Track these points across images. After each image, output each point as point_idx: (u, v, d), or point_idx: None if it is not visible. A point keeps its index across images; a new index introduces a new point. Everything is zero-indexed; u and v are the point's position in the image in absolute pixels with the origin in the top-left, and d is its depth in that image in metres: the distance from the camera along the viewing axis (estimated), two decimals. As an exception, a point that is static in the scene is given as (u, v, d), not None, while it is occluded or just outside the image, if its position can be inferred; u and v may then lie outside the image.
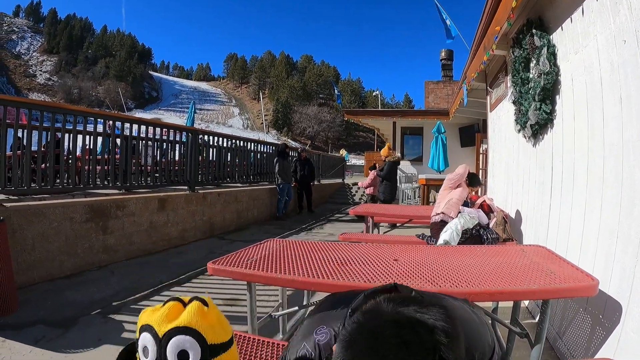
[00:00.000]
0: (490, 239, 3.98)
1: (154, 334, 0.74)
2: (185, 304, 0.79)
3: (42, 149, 5.11)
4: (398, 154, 9.14)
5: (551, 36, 3.17)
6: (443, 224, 4.27)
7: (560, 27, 3.00)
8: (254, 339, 1.77)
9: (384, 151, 8.92)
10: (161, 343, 0.73)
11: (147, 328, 0.76)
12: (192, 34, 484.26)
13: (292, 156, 11.03)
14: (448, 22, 10.87)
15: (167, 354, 0.73)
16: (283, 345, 1.69)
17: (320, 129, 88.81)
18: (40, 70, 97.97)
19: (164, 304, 0.79)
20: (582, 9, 2.57)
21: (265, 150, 10.14)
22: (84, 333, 2.99)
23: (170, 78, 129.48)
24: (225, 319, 0.84)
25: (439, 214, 4.38)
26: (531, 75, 3.50)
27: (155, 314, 0.77)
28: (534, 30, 3.33)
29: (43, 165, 4.94)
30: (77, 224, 4.55)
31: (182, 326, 0.74)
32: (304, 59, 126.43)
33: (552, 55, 3.07)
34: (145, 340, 0.75)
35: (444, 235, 3.91)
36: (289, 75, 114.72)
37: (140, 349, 0.77)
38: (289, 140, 76.95)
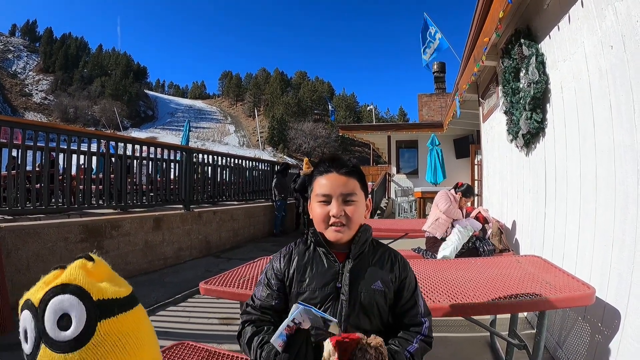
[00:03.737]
0: (487, 250, 3.96)
1: (30, 306, 0.57)
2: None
3: (37, 169, 5.09)
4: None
5: (539, 45, 3.20)
6: (436, 239, 4.26)
7: (548, 36, 3.04)
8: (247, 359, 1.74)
9: (304, 167, 9.78)
10: (38, 314, 0.56)
11: (24, 305, 0.58)
12: (186, 53, 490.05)
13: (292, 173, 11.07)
14: (438, 35, 10.97)
15: (46, 322, 0.55)
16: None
17: (316, 145, 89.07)
18: (37, 90, 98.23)
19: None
20: (569, 16, 2.61)
21: (261, 168, 10.13)
22: (78, 355, 2.93)
23: (166, 97, 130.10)
24: (120, 277, 0.67)
25: (427, 230, 4.38)
26: (521, 85, 3.53)
27: (32, 288, 0.60)
28: (522, 40, 3.37)
29: (38, 185, 4.92)
30: (72, 244, 4.51)
31: (59, 284, 0.57)
32: (298, 76, 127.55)
33: (541, 64, 3.10)
34: (24, 319, 0.57)
35: (445, 252, 3.89)
36: (283, 91, 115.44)
37: (21, 335, 0.58)
38: (285, 157, 77.06)
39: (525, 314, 3.48)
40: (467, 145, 12.28)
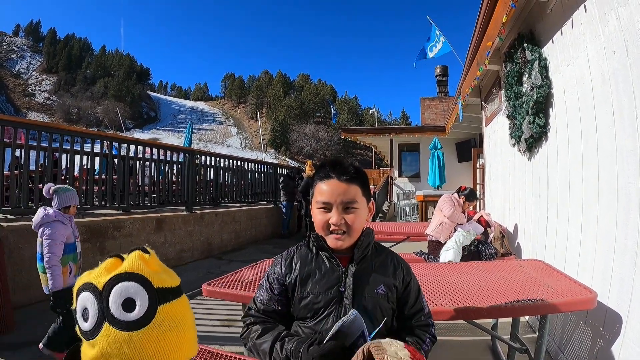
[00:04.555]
0: (489, 254, 3.96)
1: (93, 289, 0.64)
2: (124, 259, 0.69)
3: (40, 169, 5.11)
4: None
5: (542, 49, 3.21)
6: (439, 242, 4.26)
7: (551, 40, 3.04)
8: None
9: (307, 170, 9.95)
10: (102, 296, 0.63)
11: (84, 287, 0.66)
12: (189, 55, 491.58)
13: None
14: (442, 39, 11.00)
15: (110, 304, 0.63)
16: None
17: (318, 148, 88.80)
18: (40, 90, 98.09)
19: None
20: (572, 21, 2.62)
21: (263, 170, 10.14)
22: (79, 354, 2.93)
23: (169, 98, 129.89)
24: (170, 269, 0.76)
25: (431, 234, 4.38)
26: (524, 89, 3.53)
27: (92, 273, 0.67)
28: (525, 44, 3.38)
29: (40, 185, 4.93)
30: (74, 244, 4.51)
31: (123, 272, 0.65)
32: (300, 78, 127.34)
33: (544, 69, 3.11)
34: (84, 299, 0.65)
35: (448, 256, 3.88)
36: (286, 94, 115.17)
37: (79, 313, 0.65)
38: (287, 159, 77.07)
39: (527, 317, 3.47)
40: (470, 148, 12.28)
